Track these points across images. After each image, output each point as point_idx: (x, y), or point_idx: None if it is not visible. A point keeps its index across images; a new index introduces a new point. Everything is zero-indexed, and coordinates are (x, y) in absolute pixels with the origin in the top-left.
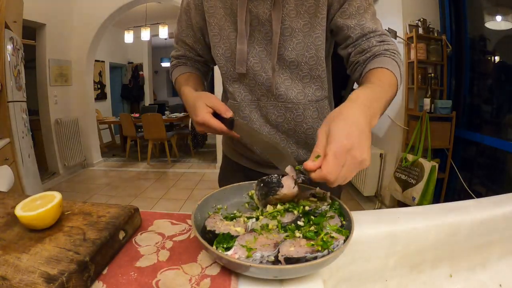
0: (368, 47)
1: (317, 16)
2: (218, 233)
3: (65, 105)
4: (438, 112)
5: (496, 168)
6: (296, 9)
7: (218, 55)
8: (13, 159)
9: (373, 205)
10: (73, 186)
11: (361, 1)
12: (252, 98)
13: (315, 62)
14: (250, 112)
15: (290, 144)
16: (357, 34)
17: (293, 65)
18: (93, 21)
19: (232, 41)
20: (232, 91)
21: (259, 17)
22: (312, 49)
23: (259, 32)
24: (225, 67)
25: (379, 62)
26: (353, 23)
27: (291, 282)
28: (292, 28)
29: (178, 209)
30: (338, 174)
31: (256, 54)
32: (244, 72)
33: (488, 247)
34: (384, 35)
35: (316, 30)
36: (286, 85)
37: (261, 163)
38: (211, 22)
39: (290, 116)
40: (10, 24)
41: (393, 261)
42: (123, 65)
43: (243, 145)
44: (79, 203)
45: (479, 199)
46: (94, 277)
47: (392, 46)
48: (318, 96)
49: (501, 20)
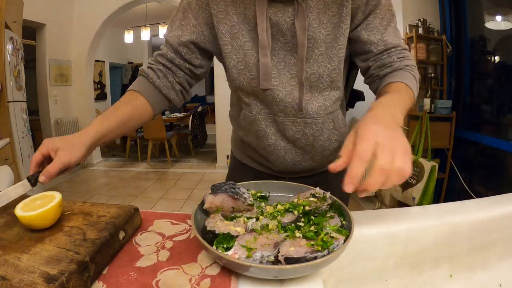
0: (389, 63)
1: (341, 26)
2: (218, 233)
3: (65, 105)
4: (438, 112)
5: (496, 168)
6: (318, 18)
7: (230, 66)
8: (13, 159)
9: (373, 205)
10: (73, 186)
11: (384, 12)
12: (269, 112)
13: (337, 74)
14: (266, 126)
15: (306, 159)
16: (380, 49)
17: (313, 77)
18: (93, 21)
19: (247, 52)
20: (248, 103)
21: (279, 26)
22: (335, 61)
23: (277, 42)
24: (237, 80)
25: (398, 77)
26: (377, 38)
27: (291, 282)
28: (314, 38)
29: (178, 209)
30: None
31: (273, 66)
32: (269, 88)
33: (488, 247)
34: (405, 50)
35: (340, 41)
36: (306, 100)
37: (275, 170)
38: (221, 29)
39: (309, 132)
40: (10, 24)
41: (393, 261)
42: (123, 65)
43: (256, 153)
44: (79, 203)
45: (479, 199)
46: (94, 277)
47: (411, 61)
48: (335, 107)
49: (501, 20)
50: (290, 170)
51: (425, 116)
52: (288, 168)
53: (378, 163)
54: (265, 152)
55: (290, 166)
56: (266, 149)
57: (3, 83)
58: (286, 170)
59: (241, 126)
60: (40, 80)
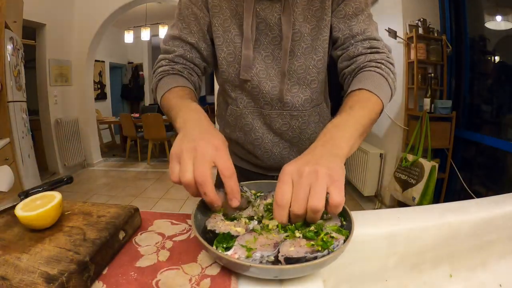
0: (354, 55)
1: (324, 18)
2: (218, 232)
3: (65, 105)
4: (438, 112)
5: (496, 168)
6: (303, 13)
7: (220, 58)
8: (13, 159)
9: (373, 205)
10: (73, 186)
11: (359, 3)
12: (255, 105)
13: (322, 65)
14: (253, 119)
15: (293, 152)
16: (345, 35)
17: (301, 69)
18: (93, 21)
19: (236, 45)
20: (234, 97)
21: (267, 21)
22: (321, 51)
23: (265, 36)
24: (226, 72)
25: (359, 81)
26: (345, 25)
27: (291, 282)
28: (301, 32)
29: (178, 209)
30: (289, 193)
31: (261, 60)
32: (249, 79)
33: (488, 247)
34: (374, 40)
35: (324, 32)
36: (293, 93)
37: (263, 166)
38: (215, 23)
39: (296, 124)
40: (10, 24)
41: (393, 261)
42: (123, 65)
43: (244, 149)
44: (79, 203)
45: (479, 199)
46: (94, 277)
47: (380, 54)
48: (320, 100)
49: (501, 20)
50: (277, 165)
51: (425, 116)
52: (276, 162)
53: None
54: (253, 147)
55: (278, 160)
56: (254, 143)
57: (3, 83)
58: (274, 165)
59: (228, 123)
60: (40, 80)
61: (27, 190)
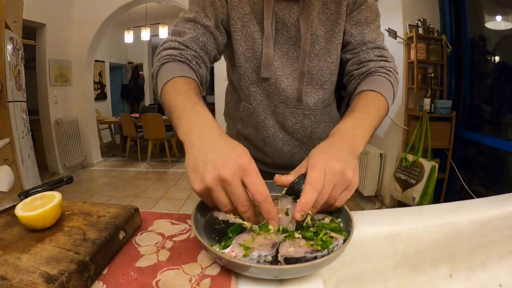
0: (366, 60)
1: (339, 23)
2: (232, 222)
3: (65, 105)
4: (438, 112)
5: (496, 168)
6: (318, 16)
7: (238, 53)
8: (13, 159)
9: (373, 205)
10: (73, 186)
11: (370, 11)
12: (269, 103)
13: (335, 67)
14: (265, 118)
15: (303, 151)
16: (357, 41)
17: (314, 70)
18: (93, 21)
19: (256, 41)
20: (248, 94)
21: (285, 21)
22: (334, 54)
23: (281, 36)
24: (243, 67)
25: (371, 83)
26: (357, 31)
27: (291, 282)
28: (316, 35)
29: (178, 209)
30: (322, 183)
31: (277, 58)
32: (268, 77)
33: (488, 247)
34: (384, 50)
35: (338, 36)
36: (306, 92)
37: (271, 164)
38: (233, 16)
39: (308, 123)
40: (10, 24)
41: (393, 261)
42: (123, 65)
43: (254, 146)
44: (79, 203)
45: (479, 199)
46: (94, 277)
47: (390, 64)
48: (331, 100)
49: (501, 20)
50: (286, 163)
51: (425, 116)
52: (285, 160)
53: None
54: (263, 144)
55: (287, 158)
56: (265, 141)
57: (3, 83)
58: (282, 164)
59: (241, 118)
60: (40, 80)
61: (27, 190)
